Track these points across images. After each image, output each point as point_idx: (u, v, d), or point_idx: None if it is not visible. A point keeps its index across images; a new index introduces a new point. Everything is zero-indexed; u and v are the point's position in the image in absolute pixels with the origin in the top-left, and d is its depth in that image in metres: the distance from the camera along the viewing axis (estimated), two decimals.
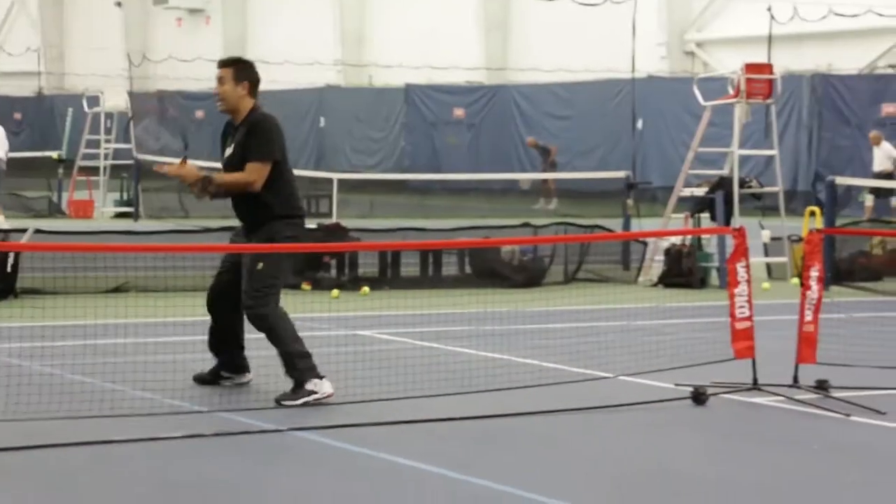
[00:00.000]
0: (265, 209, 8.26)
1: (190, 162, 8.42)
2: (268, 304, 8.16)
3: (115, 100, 29.43)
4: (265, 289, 8.15)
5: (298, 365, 8.11)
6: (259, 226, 8.29)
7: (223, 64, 8.40)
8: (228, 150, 8.41)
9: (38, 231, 14.29)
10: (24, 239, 13.87)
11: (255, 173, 8.20)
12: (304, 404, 7.94)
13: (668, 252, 15.81)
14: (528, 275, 15.52)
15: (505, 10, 39.13)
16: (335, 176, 25.22)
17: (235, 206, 8.38)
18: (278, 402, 8.02)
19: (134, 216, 26.26)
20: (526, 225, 16.99)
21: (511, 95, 37.65)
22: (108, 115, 29.61)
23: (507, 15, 39.27)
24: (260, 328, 8.20)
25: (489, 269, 15.54)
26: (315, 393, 8.02)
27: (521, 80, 38.31)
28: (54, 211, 27.22)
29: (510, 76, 39.02)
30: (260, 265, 8.16)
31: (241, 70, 8.37)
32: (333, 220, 20.82)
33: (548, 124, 36.16)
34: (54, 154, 29.93)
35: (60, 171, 28.55)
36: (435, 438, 7.17)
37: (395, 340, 10.78)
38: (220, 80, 8.33)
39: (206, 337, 8.59)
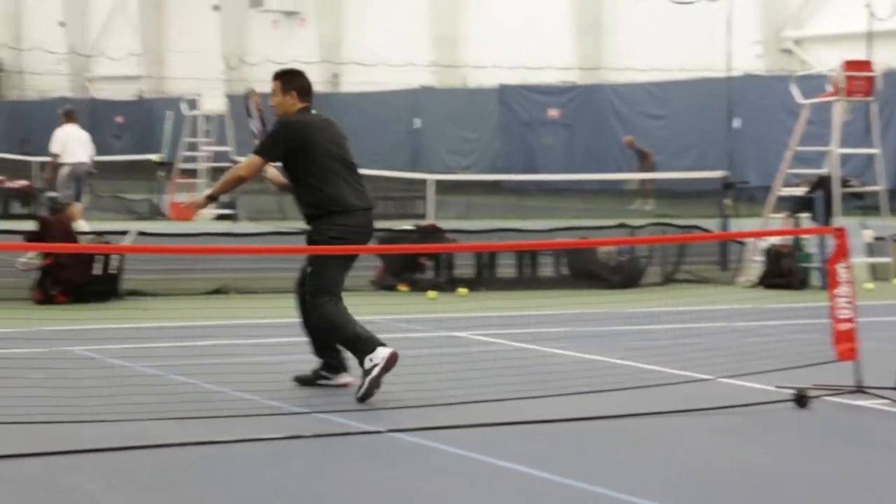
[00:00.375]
0: (307, 208, 8.49)
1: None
2: (320, 301, 8.28)
3: (213, 103, 29.79)
4: (317, 286, 8.27)
5: (357, 350, 8.20)
6: (308, 222, 8.51)
7: (274, 77, 8.83)
8: None
9: (140, 233, 14.53)
10: (127, 241, 14.11)
11: (243, 162, 8.62)
12: (370, 385, 7.99)
13: (767, 252, 15.63)
14: (625, 276, 15.44)
15: (598, 10, 38.94)
16: (431, 177, 25.32)
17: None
18: (357, 399, 8.12)
19: (234, 218, 26.55)
20: (622, 225, 16.90)
21: (606, 95, 37.46)
22: (207, 118, 29.97)
23: (599, 14, 39.07)
24: (318, 324, 8.30)
25: (586, 270, 15.48)
26: (374, 368, 8.06)
27: (616, 79, 38.10)
28: (155, 213, 27.60)
29: (604, 76, 38.81)
30: (309, 269, 8.41)
31: (287, 81, 8.75)
32: (430, 221, 20.87)
33: (643, 124, 35.91)
34: (155, 157, 30.37)
35: (161, 173, 28.95)
36: (532, 440, 7.16)
37: (492, 342, 10.78)
38: (273, 92, 8.74)
39: (304, 338, 8.67)
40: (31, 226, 14.79)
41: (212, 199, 8.70)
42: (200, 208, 8.81)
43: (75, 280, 13.15)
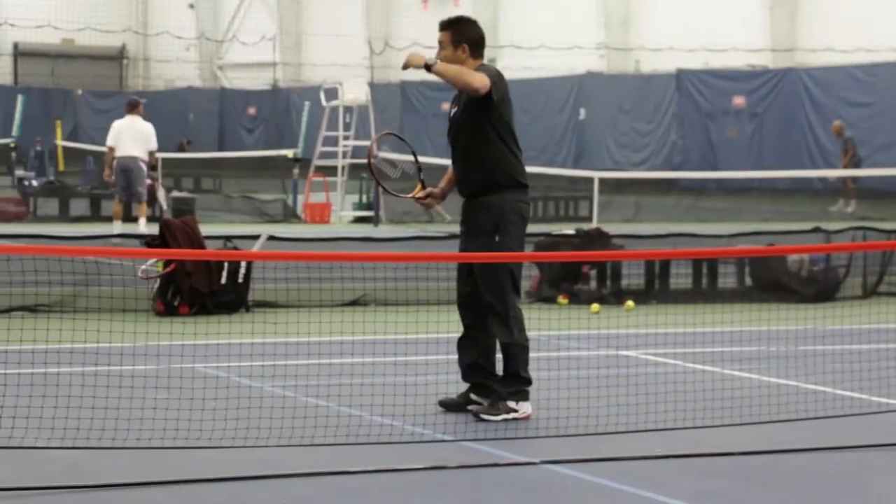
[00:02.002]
0: (488, 175, 8.41)
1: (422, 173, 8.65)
2: (515, 309, 8.33)
3: (355, 92, 30.06)
4: (507, 283, 8.29)
5: (516, 386, 8.27)
6: (479, 198, 8.44)
7: (441, 27, 8.64)
8: (454, 110, 8.62)
9: (271, 238, 14.74)
10: (257, 247, 14.33)
11: (482, 77, 8.29)
12: (504, 420, 8.21)
13: None
14: (819, 288, 15.18)
15: None
16: (596, 175, 25.21)
17: (456, 170, 8.57)
18: (477, 415, 8.27)
19: (374, 221, 26.80)
20: (817, 230, 16.61)
21: (800, 80, 36.86)
22: (347, 109, 30.29)
23: None
24: (495, 324, 8.32)
25: (774, 281, 15.26)
26: (516, 412, 8.30)
27: (813, 62, 37.44)
28: (289, 215, 27.99)
29: (799, 58, 38.18)
30: (497, 238, 8.35)
31: (458, 32, 8.55)
32: (594, 224, 20.77)
33: (844, 113, 35.21)
34: (289, 153, 30.80)
35: (296, 171, 29.34)
36: (710, 476, 7.06)
37: (665, 362, 10.68)
38: (440, 44, 8.58)
39: (452, 356, 8.69)
40: (152, 229, 15.12)
41: (430, 68, 8.34)
42: (417, 64, 8.30)
43: (200, 290, 13.40)
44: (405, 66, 8.48)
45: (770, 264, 15.33)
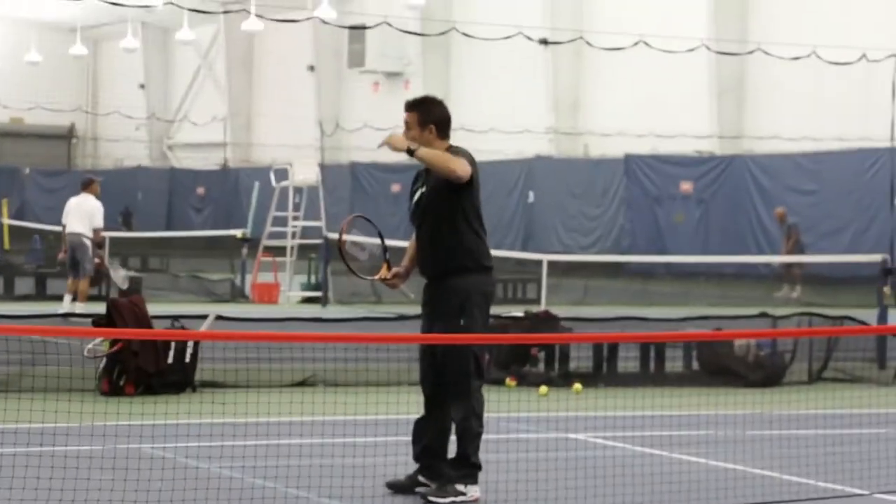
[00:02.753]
0: (451, 259, 8.39)
1: (387, 265, 8.65)
2: (475, 388, 8.34)
3: (305, 172, 30.11)
4: (471, 364, 8.30)
5: (466, 468, 8.26)
6: (442, 281, 8.39)
7: (408, 107, 8.60)
8: (419, 193, 8.58)
9: (218, 317, 14.68)
10: (205, 326, 14.26)
11: (461, 163, 8.31)
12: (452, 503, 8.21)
13: None
14: (765, 373, 15.23)
15: (740, 71, 38.82)
16: (545, 257, 25.25)
17: (421, 252, 8.51)
18: (425, 497, 8.27)
19: (322, 301, 26.76)
20: (763, 315, 16.70)
21: (747, 167, 37.23)
22: (297, 190, 30.32)
23: (742, 76, 38.95)
24: (454, 403, 8.30)
25: (721, 366, 15.30)
26: (464, 495, 8.29)
27: (759, 149, 37.86)
28: (237, 295, 27.88)
29: (746, 145, 38.60)
30: (462, 321, 8.34)
31: (425, 112, 8.55)
32: (542, 307, 20.80)
33: (790, 200, 35.56)
34: (238, 233, 30.73)
35: (245, 250, 29.29)
36: None
37: (613, 446, 10.67)
38: (406, 125, 8.54)
39: (402, 437, 8.66)
40: (98, 308, 15.04)
41: (412, 153, 8.31)
42: (396, 146, 8.33)
43: (146, 369, 13.31)
44: (383, 146, 8.48)
45: (717, 349, 15.37)
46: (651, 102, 39.88)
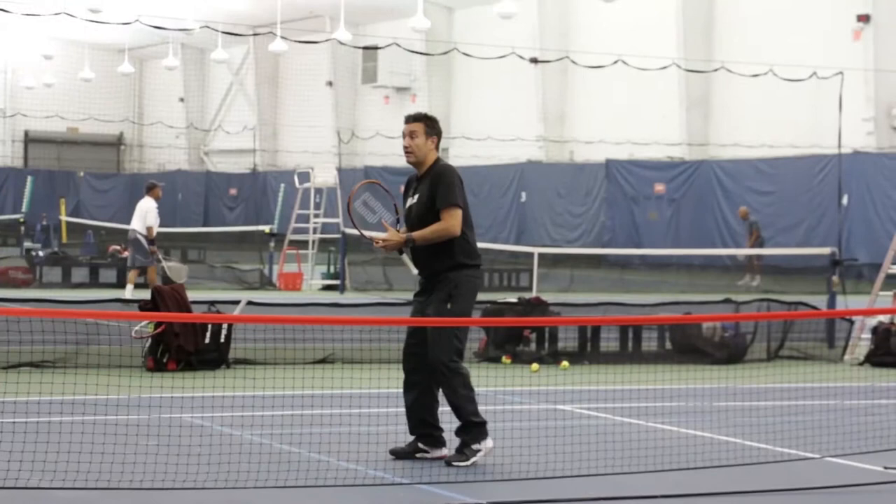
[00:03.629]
0: (446, 259, 8.42)
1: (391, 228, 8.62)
2: (458, 365, 8.31)
3: (325, 175, 30.11)
4: (455, 344, 8.29)
5: (473, 432, 8.26)
6: (438, 276, 8.42)
7: (415, 119, 8.67)
8: (411, 200, 8.63)
9: (250, 303, 14.68)
10: (237, 311, 14.27)
11: (451, 218, 8.44)
12: (473, 463, 8.21)
13: (875, 330, 15.30)
14: (729, 351, 15.22)
15: (706, 87, 38.78)
16: (536, 250, 25.25)
17: (416, 257, 8.54)
18: (448, 462, 8.23)
19: (340, 289, 26.76)
20: (728, 301, 16.68)
21: (712, 171, 37.20)
22: (318, 191, 30.32)
23: (708, 91, 38.90)
24: (440, 381, 8.30)
25: (690, 346, 15.29)
26: (481, 450, 8.30)
27: (723, 155, 37.83)
28: (265, 283, 27.91)
29: (711, 151, 38.57)
30: (449, 305, 8.35)
31: (431, 125, 8.67)
32: (534, 293, 20.81)
33: (750, 200, 35.55)
34: (266, 228, 30.76)
35: (272, 244, 29.31)
36: None
37: (596, 416, 10.68)
38: (412, 133, 8.59)
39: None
40: (145, 295, 15.04)
41: (412, 241, 8.41)
42: (395, 246, 8.47)
43: (186, 348, 13.31)
44: (382, 247, 8.50)
45: (687, 330, 15.36)
46: (628, 114, 39.85)
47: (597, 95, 41.13)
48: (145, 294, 16.14)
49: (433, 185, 8.47)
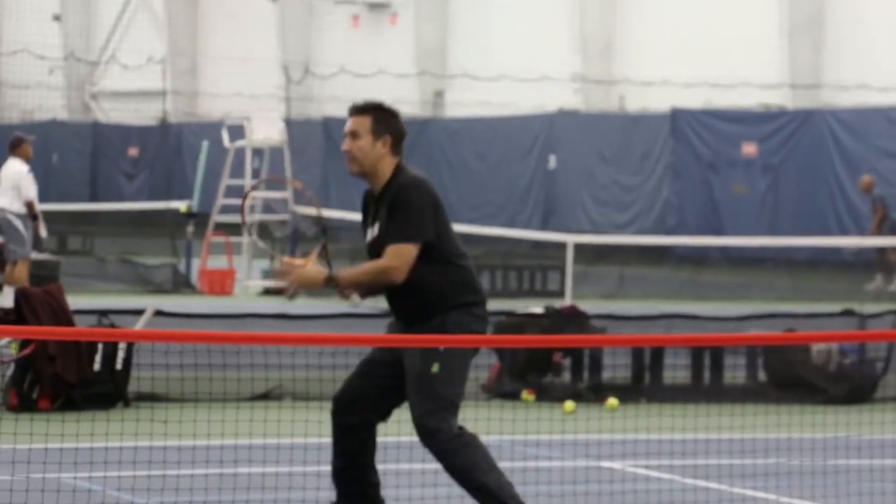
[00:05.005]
0: (434, 299, 8.52)
1: (314, 259, 8.67)
2: (445, 421, 8.36)
3: (267, 130, 30.09)
4: (441, 400, 8.35)
5: (502, 499, 8.21)
6: (426, 319, 8.50)
7: (358, 111, 8.79)
8: (371, 232, 8.78)
9: (158, 313, 14.69)
10: (140, 324, 14.29)
11: (394, 258, 8.58)
12: None
13: None
14: (851, 386, 15.27)
15: (818, 4, 38.83)
16: (570, 239, 25.31)
17: (390, 298, 8.65)
18: None
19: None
20: (849, 313, 16.72)
21: (826, 124, 37.23)
22: (257, 152, 30.32)
23: (820, 9, 38.95)
24: (437, 454, 8.36)
25: (793, 377, 15.34)
26: None
27: (842, 102, 37.87)
28: (180, 284, 27.93)
29: (825, 97, 38.61)
30: (435, 367, 8.43)
31: (382, 120, 8.76)
32: (567, 301, 20.83)
33: (881, 165, 35.57)
34: (182, 206, 30.76)
35: (190, 228, 29.30)
36: None
37: (658, 477, 10.70)
38: (354, 133, 8.71)
39: (390, 465, 8.68)
40: (6, 300, 15.05)
41: (336, 284, 8.66)
42: (308, 285, 8.71)
43: (66, 378, 13.32)
44: (291, 292, 8.62)
45: (789, 355, 15.39)
46: (705, 43, 39.85)
47: (658, 15, 41.16)
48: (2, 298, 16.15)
49: (389, 208, 8.57)
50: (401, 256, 8.53)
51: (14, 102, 57.67)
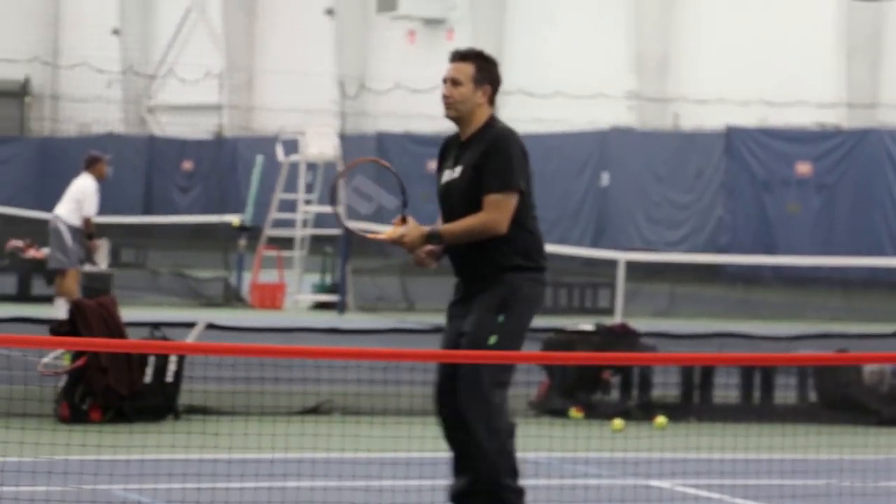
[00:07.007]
0: (499, 257, 8.50)
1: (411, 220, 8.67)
2: (494, 395, 8.34)
3: (321, 144, 30.14)
4: (498, 374, 8.34)
5: (510, 489, 8.27)
6: (488, 280, 8.49)
7: (462, 57, 8.85)
8: (450, 173, 8.69)
9: (210, 326, 14.74)
10: (192, 337, 14.33)
11: (498, 210, 8.56)
12: None
13: None
14: None
15: (877, 22, 38.67)
16: (622, 256, 25.26)
17: (452, 254, 8.62)
18: None
19: (339, 308, 26.83)
20: None
21: (882, 143, 37.06)
22: (310, 166, 30.39)
23: (879, 29, 38.78)
24: (475, 427, 8.32)
25: (846, 398, 15.27)
26: None
27: None
28: (232, 298, 27.99)
29: (882, 116, 38.45)
30: (492, 339, 8.37)
31: (484, 69, 8.88)
32: (618, 319, 20.79)
33: None
34: (235, 219, 30.83)
35: (242, 242, 29.38)
36: None
37: (707, 497, 10.67)
38: (455, 79, 8.70)
39: (438, 480, 8.68)
40: (59, 311, 15.13)
41: (438, 239, 8.62)
42: (415, 244, 8.65)
43: (117, 390, 13.38)
44: (398, 243, 8.61)
45: (841, 376, 15.32)
46: (761, 61, 39.75)
47: (714, 33, 41.08)
48: (54, 310, 16.23)
49: (484, 156, 8.56)
50: (501, 208, 8.57)
51: (72, 115, 57.96)
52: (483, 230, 8.54)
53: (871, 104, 38.75)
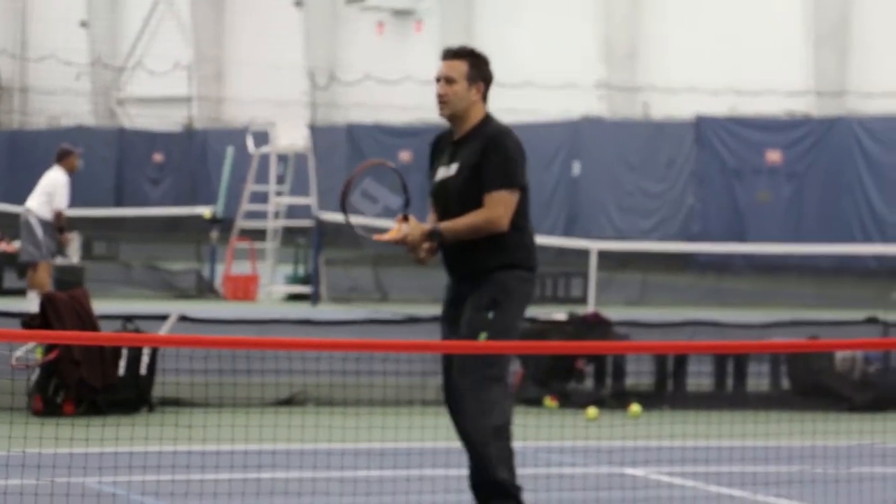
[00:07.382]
0: (491, 255, 8.51)
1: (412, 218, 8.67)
2: (490, 391, 8.36)
3: (292, 136, 30.11)
4: (488, 369, 8.35)
5: (506, 486, 8.39)
6: (479, 278, 8.50)
7: (454, 55, 8.84)
8: (445, 171, 8.69)
9: (182, 318, 14.72)
10: (164, 329, 14.31)
11: (500, 206, 8.60)
12: None
13: None
14: (876, 393, 15.22)
15: (844, 11, 38.75)
16: (593, 246, 25.26)
17: (446, 252, 8.63)
18: None
19: (313, 299, 26.81)
20: (873, 321, 16.68)
21: (851, 131, 37.14)
22: (281, 158, 30.35)
23: (846, 17, 38.87)
24: (462, 421, 8.34)
25: (817, 384, 15.31)
26: None
27: (868, 109, 37.78)
28: (204, 290, 27.96)
29: (850, 104, 38.53)
30: (483, 336, 8.52)
31: (476, 66, 8.85)
32: (590, 308, 20.82)
33: None
34: (206, 211, 30.80)
35: (214, 234, 29.35)
36: None
37: (681, 484, 10.68)
38: (449, 77, 8.75)
39: (414, 470, 8.67)
40: (31, 304, 15.08)
41: (440, 237, 8.63)
42: (419, 242, 8.62)
43: (90, 383, 13.34)
44: (400, 242, 8.59)
45: (812, 363, 15.36)
46: (730, 50, 39.80)
47: (683, 22, 41.11)
48: (26, 303, 16.18)
49: (483, 154, 8.57)
50: (502, 205, 8.61)
51: (41, 108, 57.81)
52: (485, 227, 8.57)
53: (840, 92, 38.83)
